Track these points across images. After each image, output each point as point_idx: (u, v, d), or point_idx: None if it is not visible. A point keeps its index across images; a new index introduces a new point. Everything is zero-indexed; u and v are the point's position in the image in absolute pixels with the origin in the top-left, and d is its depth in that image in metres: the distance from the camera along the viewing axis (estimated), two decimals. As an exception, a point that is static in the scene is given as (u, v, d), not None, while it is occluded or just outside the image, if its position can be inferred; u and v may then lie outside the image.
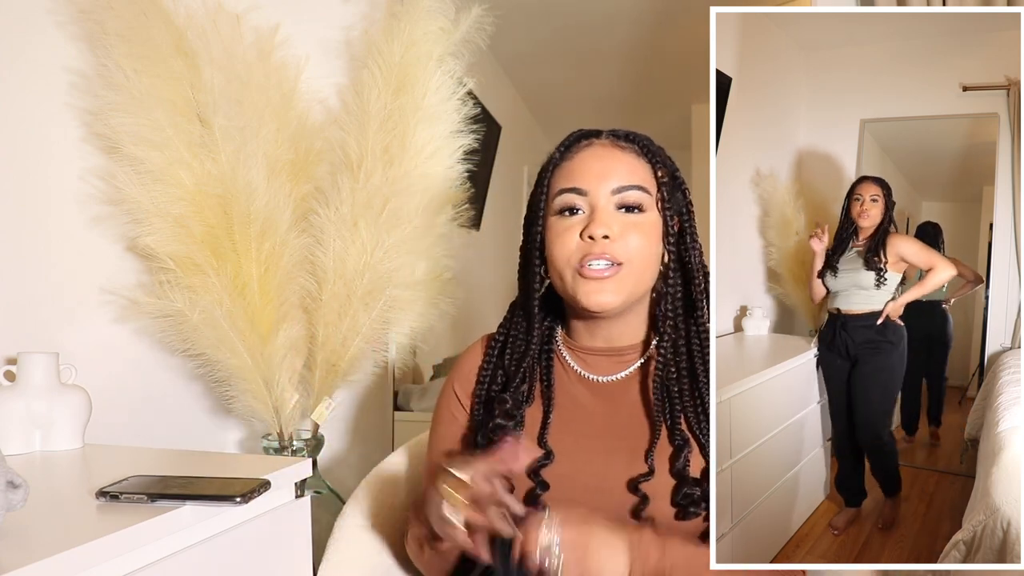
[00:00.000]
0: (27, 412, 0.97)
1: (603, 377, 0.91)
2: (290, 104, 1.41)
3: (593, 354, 0.92)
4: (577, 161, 0.89)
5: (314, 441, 1.44)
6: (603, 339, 0.91)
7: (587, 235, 0.84)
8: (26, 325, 1.10)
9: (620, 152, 0.89)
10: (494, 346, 0.96)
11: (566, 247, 0.86)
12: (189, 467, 0.95)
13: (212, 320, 1.23)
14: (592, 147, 0.90)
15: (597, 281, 0.84)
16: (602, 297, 0.84)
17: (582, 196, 0.86)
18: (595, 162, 0.88)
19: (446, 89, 1.42)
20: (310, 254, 1.36)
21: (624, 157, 0.88)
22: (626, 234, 0.85)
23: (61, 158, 1.17)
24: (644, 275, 0.87)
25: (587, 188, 0.86)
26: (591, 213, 0.86)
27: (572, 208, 0.87)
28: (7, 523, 0.63)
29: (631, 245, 0.84)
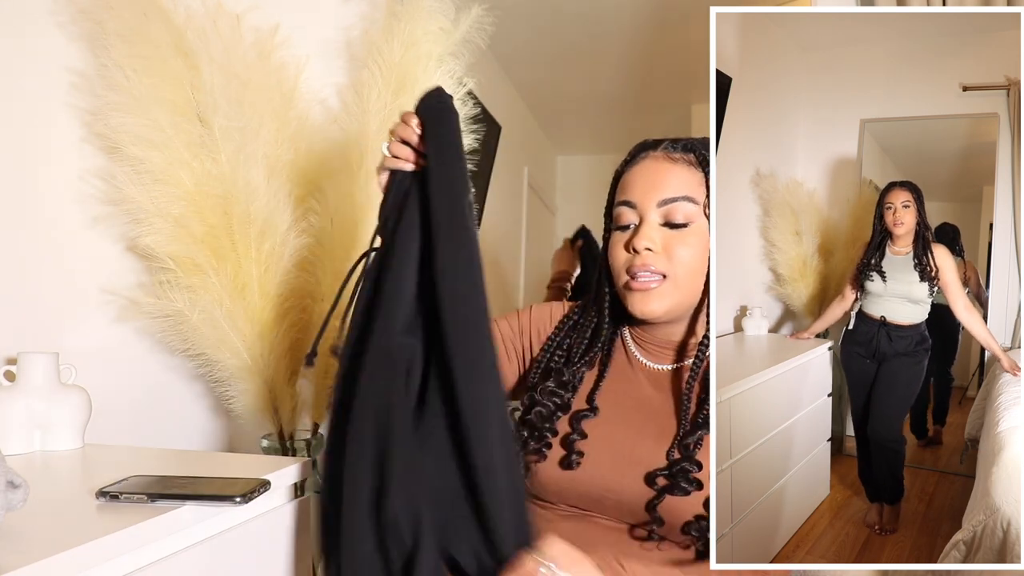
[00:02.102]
0: (27, 412, 0.97)
1: (654, 364, 0.97)
2: (290, 104, 1.41)
3: (649, 343, 0.98)
4: (632, 174, 0.95)
5: (314, 441, 1.44)
6: (663, 333, 0.97)
7: (631, 247, 0.91)
8: (26, 325, 1.10)
9: (671, 164, 0.92)
10: (563, 324, 1.04)
11: (617, 259, 0.94)
12: (189, 467, 0.95)
13: (212, 320, 1.23)
14: (647, 160, 0.95)
15: (642, 292, 0.91)
16: (647, 306, 0.91)
17: (632, 209, 0.93)
18: (644, 175, 0.93)
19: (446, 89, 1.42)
20: (310, 254, 1.36)
21: (675, 169, 0.92)
22: (671, 247, 0.90)
23: (61, 158, 1.17)
24: (691, 284, 0.92)
25: (636, 201, 0.93)
26: (638, 225, 0.92)
27: (625, 218, 0.94)
28: (7, 523, 0.63)
29: (676, 257, 0.90)
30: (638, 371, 0.98)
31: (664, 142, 0.95)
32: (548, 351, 1.02)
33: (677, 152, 0.93)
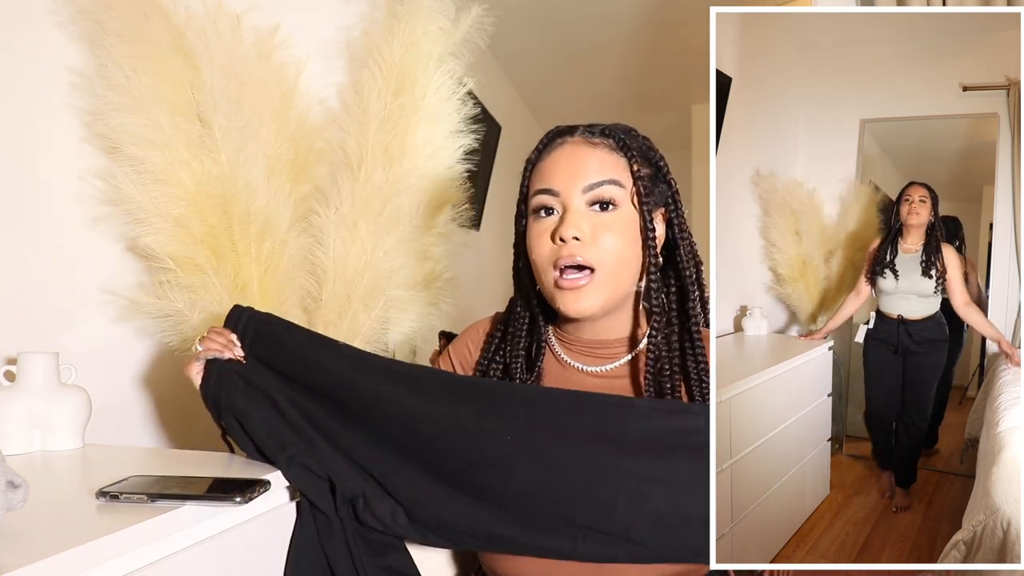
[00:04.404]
0: (27, 412, 0.97)
1: (593, 367, 0.92)
2: (290, 104, 1.40)
3: (582, 345, 0.93)
4: (550, 161, 0.89)
5: (314, 441, 1.44)
6: (590, 332, 0.93)
7: (558, 237, 0.85)
8: (26, 325, 1.10)
9: (592, 149, 0.88)
10: (491, 340, 0.98)
11: (542, 250, 0.87)
12: (189, 467, 0.95)
13: (212, 320, 1.23)
14: (565, 145, 0.89)
15: (573, 291, 0.85)
16: (580, 304, 0.85)
17: (554, 196, 0.87)
18: (566, 161, 0.88)
19: (446, 89, 1.42)
20: (310, 254, 1.36)
21: (596, 153, 0.87)
22: (598, 235, 0.85)
23: (61, 158, 1.17)
24: (620, 276, 0.87)
25: (558, 188, 0.87)
26: (563, 214, 0.86)
27: (546, 208, 0.88)
28: (7, 523, 0.63)
29: (603, 247, 0.84)
30: (572, 375, 0.93)
31: (579, 128, 0.90)
32: (483, 368, 0.97)
33: (596, 136, 0.88)
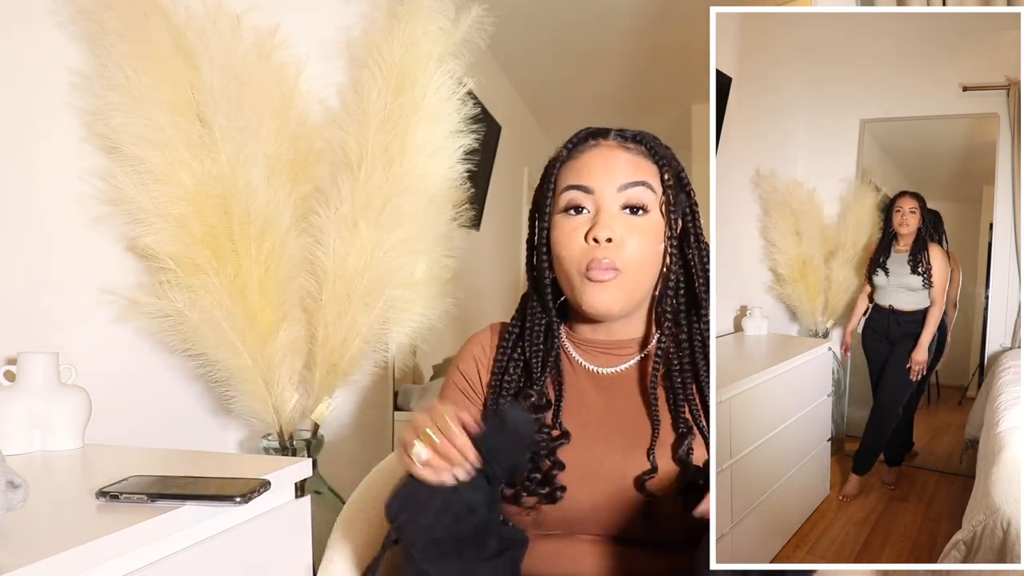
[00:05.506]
0: (27, 412, 0.97)
1: (604, 369, 0.93)
2: (290, 104, 1.41)
3: (594, 346, 0.94)
4: (584, 159, 0.90)
5: (314, 441, 1.44)
6: (604, 332, 0.93)
7: (591, 237, 0.85)
8: (26, 325, 1.10)
9: (626, 152, 0.89)
10: (508, 337, 0.96)
11: (573, 249, 0.87)
12: (189, 467, 0.95)
13: (212, 320, 1.23)
14: (599, 147, 0.91)
15: (600, 284, 0.85)
16: (605, 299, 0.85)
17: (588, 194, 0.87)
18: (601, 161, 0.89)
19: (446, 89, 1.42)
20: (310, 254, 1.36)
21: (630, 157, 0.89)
22: (626, 239, 0.85)
23: (61, 158, 1.17)
24: (641, 279, 0.88)
25: (593, 186, 0.87)
26: (596, 213, 0.87)
27: (578, 207, 0.88)
28: (7, 523, 0.63)
29: (629, 250, 0.85)
30: (581, 377, 0.93)
31: (611, 131, 0.92)
32: (502, 365, 0.94)
33: (629, 141, 0.90)
